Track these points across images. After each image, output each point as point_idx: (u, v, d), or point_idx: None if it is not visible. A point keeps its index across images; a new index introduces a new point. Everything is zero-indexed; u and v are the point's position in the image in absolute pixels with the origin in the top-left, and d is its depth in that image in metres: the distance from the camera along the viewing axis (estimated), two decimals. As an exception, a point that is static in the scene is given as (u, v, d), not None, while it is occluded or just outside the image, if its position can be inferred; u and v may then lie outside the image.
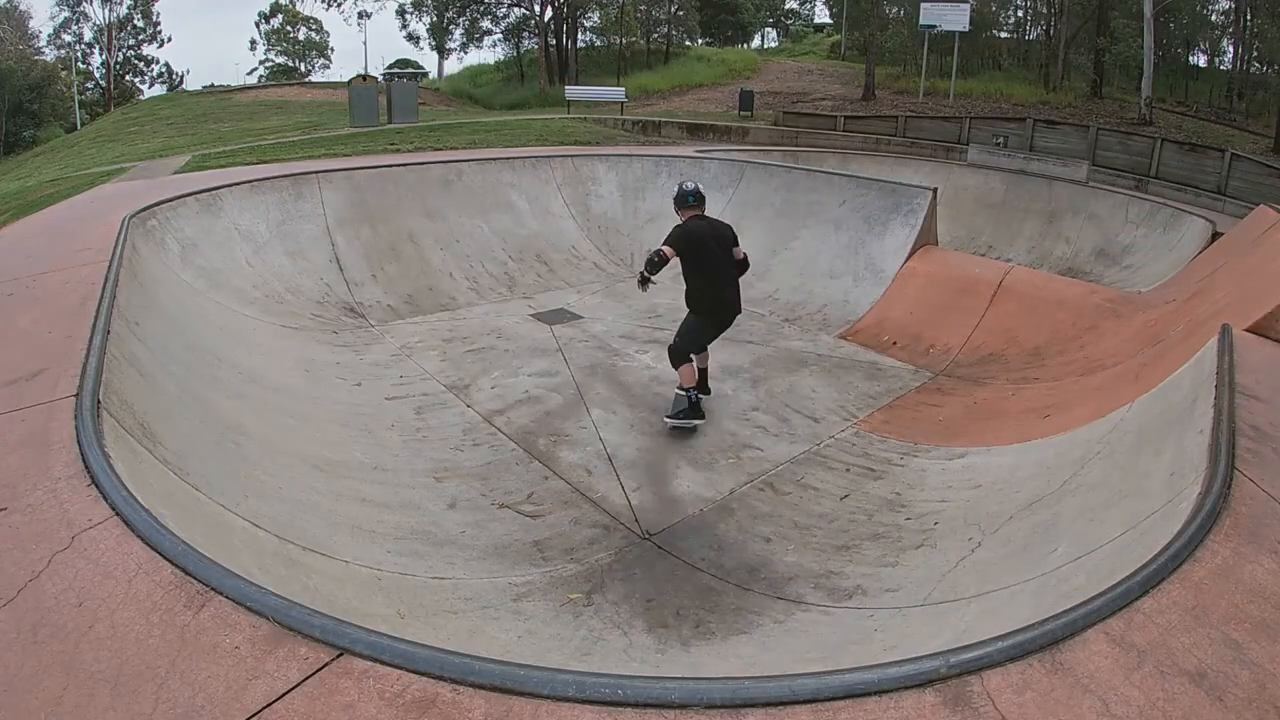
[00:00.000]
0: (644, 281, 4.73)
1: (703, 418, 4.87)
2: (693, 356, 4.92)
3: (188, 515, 2.38)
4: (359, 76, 18.25)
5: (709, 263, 4.78)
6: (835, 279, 7.96)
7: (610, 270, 9.10)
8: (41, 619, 1.68)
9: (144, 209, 6.14)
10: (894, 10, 29.65)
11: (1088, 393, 5.01)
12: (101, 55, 40.43)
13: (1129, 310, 6.37)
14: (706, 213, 4.96)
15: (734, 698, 1.52)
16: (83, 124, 33.61)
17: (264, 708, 1.48)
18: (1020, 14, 31.05)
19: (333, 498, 3.48)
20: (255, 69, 47.00)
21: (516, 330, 6.85)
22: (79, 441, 2.37)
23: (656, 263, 4.61)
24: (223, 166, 9.81)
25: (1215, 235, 9.28)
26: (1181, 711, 1.53)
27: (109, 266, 4.28)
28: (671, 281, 8.88)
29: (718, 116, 21.49)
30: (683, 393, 4.85)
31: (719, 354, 6.41)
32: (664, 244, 4.68)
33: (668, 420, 4.82)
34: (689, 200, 4.83)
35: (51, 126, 35.62)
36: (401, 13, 38.77)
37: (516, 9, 36.99)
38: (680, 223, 4.83)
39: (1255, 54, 26.90)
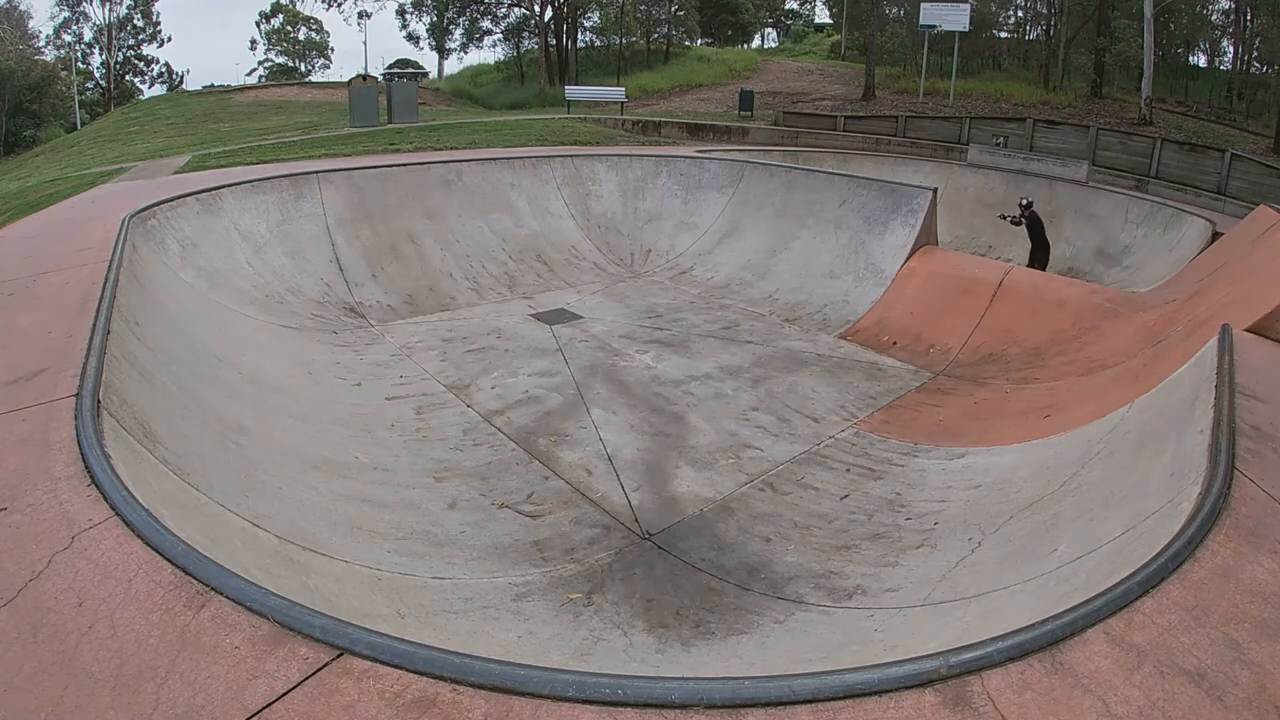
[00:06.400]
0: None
1: None
2: None
3: (188, 515, 2.38)
4: (359, 76, 18.25)
5: None
6: (835, 279, 7.96)
7: (610, 270, 9.10)
8: (41, 619, 1.68)
9: (144, 209, 6.14)
10: (894, 10, 29.65)
11: (1088, 393, 5.01)
12: (101, 55, 40.39)
13: (1129, 310, 6.37)
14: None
15: (734, 698, 1.52)
16: (83, 124, 33.55)
17: (264, 708, 1.48)
18: (1020, 14, 31.05)
19: (333, 498, 3.48)
20: (255, 69, 47.01)
21: (516, 330, 6.85)
22: (79, 441, 2.37)
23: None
24: (223, 166, 9.80)
25: (1215, 235, 9.29)
26: (1181, 711, 1.53)
27: (109, 266, 4.28)
28: (671, 282, 8.92)
29: (718, 116, 21.47)
30: None
31: (720, 354, 6.42)
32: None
33: None
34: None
35: (51, 126, 35.58)
36: (401, 13, 38.80)
37: (516, 9, 37.02)
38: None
39: (1255, 54, 26.91)
